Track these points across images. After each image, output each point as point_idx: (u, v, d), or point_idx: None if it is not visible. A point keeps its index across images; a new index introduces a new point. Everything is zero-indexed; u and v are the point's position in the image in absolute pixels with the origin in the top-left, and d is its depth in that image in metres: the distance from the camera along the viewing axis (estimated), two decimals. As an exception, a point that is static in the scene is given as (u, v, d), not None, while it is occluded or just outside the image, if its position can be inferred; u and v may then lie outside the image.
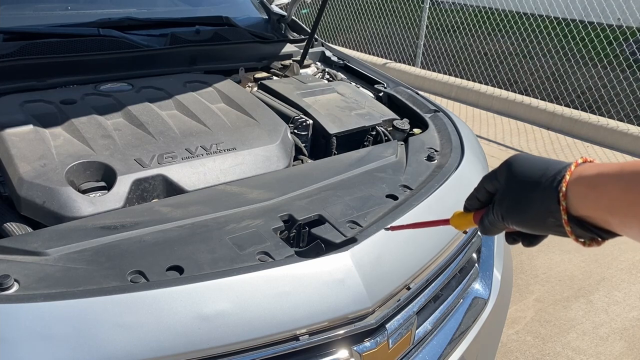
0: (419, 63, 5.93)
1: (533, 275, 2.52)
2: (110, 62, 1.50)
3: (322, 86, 1.61)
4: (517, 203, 0.58)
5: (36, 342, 0.69)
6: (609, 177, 0.50)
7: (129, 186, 1.03)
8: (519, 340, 2.09)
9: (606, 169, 0.51)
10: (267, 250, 0.89)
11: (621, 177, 0.48)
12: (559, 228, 0.54)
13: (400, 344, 0.97)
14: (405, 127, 1.50)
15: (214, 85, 1.45)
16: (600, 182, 0.51)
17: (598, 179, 0.51)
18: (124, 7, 1.91)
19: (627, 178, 0.48)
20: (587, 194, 0.51)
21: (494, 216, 0.63)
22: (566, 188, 0.53)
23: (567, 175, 0.53)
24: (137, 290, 0.76)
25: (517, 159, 0.61)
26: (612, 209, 0.49)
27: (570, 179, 0.53)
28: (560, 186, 0.53)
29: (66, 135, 1.12)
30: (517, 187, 0.59)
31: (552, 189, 0.54)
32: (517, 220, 0.59)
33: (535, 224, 0.57)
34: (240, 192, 1.07)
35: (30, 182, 0.97)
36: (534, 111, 4.66)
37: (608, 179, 0.50)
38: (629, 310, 2.32)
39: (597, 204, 0.51)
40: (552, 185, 0.54)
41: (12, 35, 1.47)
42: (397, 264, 0.97)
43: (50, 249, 0.83)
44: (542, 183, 0.55)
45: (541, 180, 0.56)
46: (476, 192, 0.68)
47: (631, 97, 4.75)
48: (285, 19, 2.06)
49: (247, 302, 0.80)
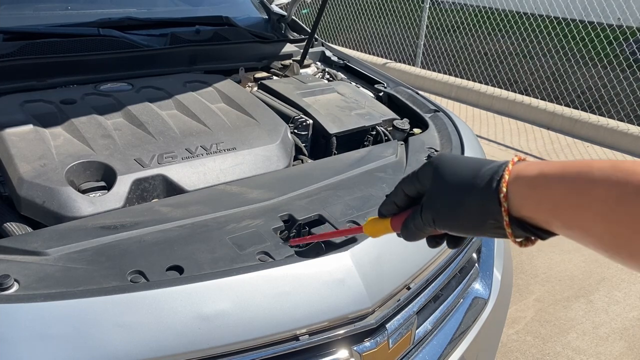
0: (419, 63, 5.93)
1: (533, 275, 2.52)
2: (110, 62, 1.49)
3: (322, 86, 1.61)
4: (451, 206, 0.54)
5: (36, 342, 0.69)
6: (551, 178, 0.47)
7: (129, 186, 1.03)
8: (519, 340, 2.09)
9: (548, 169, 0.48)
10: (267, 250, 0.89)
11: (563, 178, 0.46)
12: (499, 230, 0.51)
13: (400, 344, 0.97)
14: (406, 127, 1.50)
15: (214, 85, 1.45)
16: (542, 183, 0.48)
17: (539, 179, 0.48)
18: (124, 7, 1.91)
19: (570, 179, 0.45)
20: (528, 195, 0.48)
21: (421, 221, 0.58)
22: (506, 189, 0.50)
23: (505, 175, 0.50)
24: (137, 290, 0.76)
25: (443, 160, 0.58)
26: (554, 211, 0.47)
27: (509, 179, 0.50)
28: (500, 187, 0.50)
29: (66, 135, 1.12)
30: (449, 190, 0.55)
31: (492, 190, 0.50)
32: (451, 224, 0.55)
33: (472, 227, 0.54)
34: (240, 192, 1.06)
35: (30, 182, 0.96)
36: (534, 111, 4.66)
37: (550, 179, 0.47)
38: (629, 310, 2.32)
39: (539, 206, 0.48)
40: (491, 186, 0.51)
41: (12, 35, 1.47)
42: (397, 264, 0.97)
43: (50, 248, 0.83)
44: (477, 184, 0.52)
45: (476, 181, 0.52)
46: (393, 196, 0.64)
47: (631, 97, 4.75)
48: (285, 18, 2.06)
49: (247, 302, 0.80)
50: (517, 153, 4.02)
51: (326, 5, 1.70)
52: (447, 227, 0.56)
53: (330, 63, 1.97)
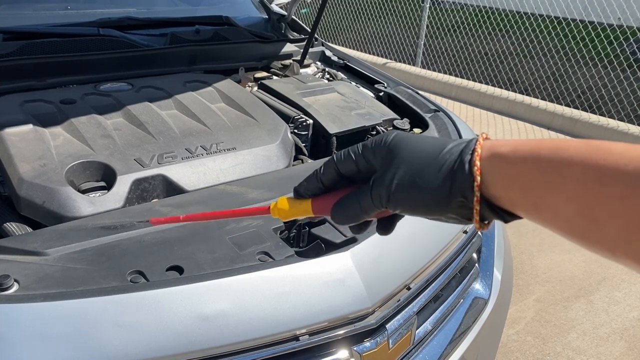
0: (419, 63, 5.93)
1: (533, 275, 2.51)
2: (110, 62, 1.49)
3: (322, 86, 1.61)
4: (412, 184, 0.50)
5: (36, 342, 0.69)
6: (526, 155, 0.45)
7: (128, 186, 1.03)
8: (519, 340, 2.09)
9: (522, 146, 0.45)
10: (267, 250, 0.88)
11: (539, 156, 0.44)
12: (462, 210, 0.48)
13: (400, 344, 0.96)
14: (406, 126, 1.50)
15: (214, 85, 1.44)
16: (516, 160, 0.45)
17: (513, 156, 0.45)
18: (123, 6, 1.90)
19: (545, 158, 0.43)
20: (500, 171, 0.46)
21: (372, 200, 0.53)
22: (480, 163, 0.46)
23: (478, 149, 0.47)
24: (137, 290, 0.76)
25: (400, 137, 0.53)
26: (526, 190, 0.44)
27: (482, 154, 0.47)
28: (474, 160, 0.46)
29: (66, 135, 1.12)
30: (411, 167, 0.50)
31: (463, 164, 0.47)
32: (409, 203, 0.51)
33: (434, 207, 0.50)
34: (240, 192, 1.06)
35: (30, 182, 0.96)
36: (534, 111, 4.66)
37: (525, 156, 0.45)
38: (629, 310, 2.32)
39: (510, 184, 0.45)
40: (463, 160, 0.47)
41: (11, 35, 1.47)
42: (397, 264, 0.97)
43: (50, 249, 0.82)
44: (447, 159, 0.48)
45: (445, 156, 0.49)
46: (321, 174, 0.57)
47: (631, 96, 4.74)
48: (285, 18, 2.05)
49: (247, 302, 0.80)
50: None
51: (326, 5, 1.70)
52: (403, 207, 0.52)
53: (330, 63, 1.97)
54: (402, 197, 0.51)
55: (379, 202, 0.52)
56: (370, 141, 0.54)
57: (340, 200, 0.56)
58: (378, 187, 0.52)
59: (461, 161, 0.47)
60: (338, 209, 0.56)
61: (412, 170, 0.50)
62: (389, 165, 0.52)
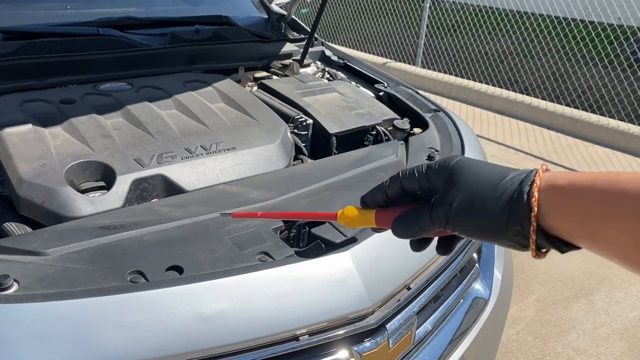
0: (419, 62, 5.93)
1: (533, 275, 2.51)
2: (110, 62, 1.49)
3: (322, 85, 1.61)
4: (472, 209, 0.53)
5: (36, 342, 0.69)
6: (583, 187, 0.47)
7: (128, 186, 1.03)
8: (519, 340, 2.09)
9: (578, 178, 0.48)
10: (267, 250, 0.88)
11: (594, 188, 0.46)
12: (519, 238, 0.51)
13: (400, 344, 0.96)
14: (406, 126, 1.49)
15: (214, 85, 1.44)
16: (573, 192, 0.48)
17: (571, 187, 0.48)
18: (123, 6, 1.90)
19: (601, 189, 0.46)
20: (558, 202, 0.48)
21: (431, 220, 0.56)
22: (538, 194, 0.49)
23: (537, 180, 0.50)
24: (137, 290, 0.75)
25: (463, 162, 0.56)
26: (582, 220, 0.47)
27: (540, 185, 0.50)
28: (532, 191, 0.49)
29: (65, 135, 1.12)
30: (471, 192, 0.53)
31: (522, 195, 0.50)
32: (467, 227, 0.54)
33: (492, 232, 0.52)
34: (240, 192, 1.06)
35: (29, 182, 0.96)
36: (534, 111, 4.65)
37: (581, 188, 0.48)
38: (629, 310, 2.32)
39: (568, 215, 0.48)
40: (522, 191, 0.50)
41: (11, 35, 1.47)
42: (397, 264, 0.97)
43: (50, 249, 0.82)
44: (507, 188, 0.51)
45: (505, 185, 0.51)
46: (386, 187, 0.61)
47: (632, 96, 4.74)
48: (285, 18, 2.05)
49: (247, 302, 0.80)
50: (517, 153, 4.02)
51: (326, 5, 1.70)
52: (461, 230, 0.55)
53: (330, 62, 1.97)
54: (461, 220, 0.54)
55: (437, 222, 0.56)
56: (435, 163, 0.58)
57: (401, 215, 0.60)
58: (437, 209, 0.55)
59: (520, 191, 0.50)
60: (399, 224, 0.60)
61: (472, 195, 0.53)
62: (450, 188, 0.55)
